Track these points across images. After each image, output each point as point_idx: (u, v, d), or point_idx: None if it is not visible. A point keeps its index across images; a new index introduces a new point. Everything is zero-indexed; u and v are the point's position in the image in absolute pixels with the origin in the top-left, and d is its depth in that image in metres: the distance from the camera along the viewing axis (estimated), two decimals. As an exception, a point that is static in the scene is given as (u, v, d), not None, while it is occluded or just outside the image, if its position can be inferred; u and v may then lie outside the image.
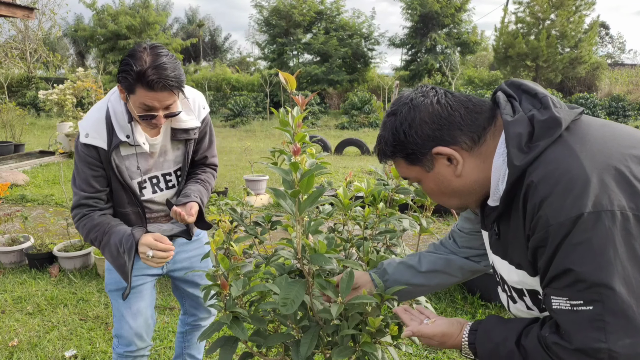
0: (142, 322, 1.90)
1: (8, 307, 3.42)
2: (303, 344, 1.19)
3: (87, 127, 1.65)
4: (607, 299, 0.83)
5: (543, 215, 0.88)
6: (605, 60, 23.32)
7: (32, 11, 9.37)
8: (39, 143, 12.00)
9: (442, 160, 1.03)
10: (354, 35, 22.35)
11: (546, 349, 0.93)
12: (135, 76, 1.47)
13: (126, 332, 1.87)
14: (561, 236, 0.86)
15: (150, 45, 1.53)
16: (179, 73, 1.54)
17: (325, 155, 1.45)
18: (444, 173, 1.04)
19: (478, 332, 1.06)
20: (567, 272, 0.86)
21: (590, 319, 0.85)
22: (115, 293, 1.87)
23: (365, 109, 18.09)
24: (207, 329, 1.30)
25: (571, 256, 0.85)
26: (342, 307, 1.13)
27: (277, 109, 1.29)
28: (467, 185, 1.05)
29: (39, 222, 5.44)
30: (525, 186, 0.92)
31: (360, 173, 8.26)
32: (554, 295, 0.90)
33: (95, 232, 1.68)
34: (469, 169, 1.03)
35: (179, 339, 2.26)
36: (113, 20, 22.39)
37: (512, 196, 0.97)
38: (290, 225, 1.53)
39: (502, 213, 1.01)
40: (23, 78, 21.88)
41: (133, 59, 1.48)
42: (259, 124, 17.64)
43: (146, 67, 1.47)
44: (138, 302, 1.88)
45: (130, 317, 1.87)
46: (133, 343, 1.89)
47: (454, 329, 1.11)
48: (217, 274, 1.23)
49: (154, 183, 1.80)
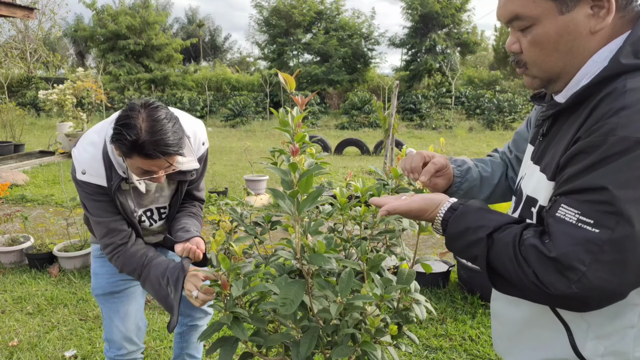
0: (132, 325, 1.88)
1: (8, 307, 3.43)
2: (303, 344, 1.19)
3: (83, 164, 1.55)
4: (621, 231, 0.77)
5: (612, 123, 0.78)
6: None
7: (32, 11, 9.37)
8: (39, 143, 12.00)
9: (586, 6, 0.85)
10: (354, 35, 22.36)
11: (519, 247, 0.86)
12: (130, 146, 1.36)
13: (116, 336, 1.86)
14: (618, 150, 0.77)
15: (146, 105, 1.41)
16: (178, 137, 1.43)
17: (325, 155, 1.45)
18: (578, 22, 0.86)
19: (457, 211, 0.98)
20: (600, 190, 0.78)
21: (588, 240, 0.79)
22: (102, 297, 1.84)
23: (365, 109, 18.09)
24: (207, 329, 1.30)
25: (616, 175, 0.77)
26: (342, 306, 1.13)
27: (277, 109, 1.29)
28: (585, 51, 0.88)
29: (39, 222, 5.44)
30: (612, 88, 0.83)
31: (360, 173, 8.27)
32: (567, 204, 0.82)
33: (133, 265, 1.62)
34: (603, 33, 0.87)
35: (177, 340, 2.26)
36: (113, 20, 22.40)
37: (587, 95, 0.87)
38: (290, 226, 1.53)
39: (563, 110, 0.93)
40: (23, 78, 21.88)
41: (127, 128, 1.35)
42: (259, 124, 17.64)
43: (143, 137, 1.35)
44: (127, 305, 1.86)
45: (119, 321, 1.85)
46: (123, 347, 1.88)
47: (431, 204, 1.02)
48: (217, 274, 1.23)
49: (148, 216, 1.78)
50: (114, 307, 1.85)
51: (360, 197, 1.51)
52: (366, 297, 1.16)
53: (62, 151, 9.68)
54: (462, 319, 3.12)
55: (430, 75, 21.89)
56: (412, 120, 18.52)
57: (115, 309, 1.85)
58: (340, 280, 1.18)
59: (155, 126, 1.36)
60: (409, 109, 19.03)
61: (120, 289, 1.84)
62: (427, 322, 3.15)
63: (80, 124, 9.79)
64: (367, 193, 1.51)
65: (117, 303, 1.85)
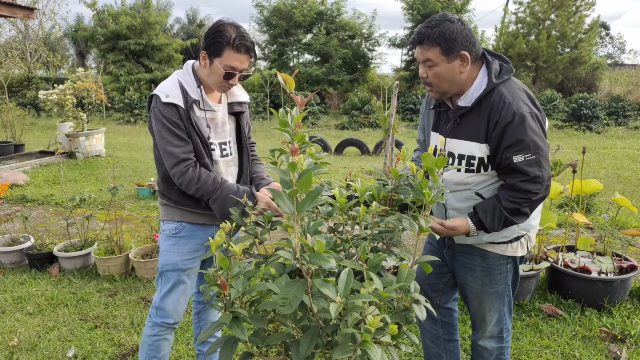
0: (184, 301, 2.14)
1: (8, 307, 3.43)
2: (303, 344, 1.19)
3: (166, 90, 1.93)
4: (539, 152, 1.69)
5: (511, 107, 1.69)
6: (605, 61, 23.32)
7: (33, 11, 9.37)
8: (39, 143, 12.00)
9: (458, 60, 1.73)
10: (354, 35, 22.35)
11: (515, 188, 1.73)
12: (226, 41, 1.86)
13: (169, 307, 2.10)
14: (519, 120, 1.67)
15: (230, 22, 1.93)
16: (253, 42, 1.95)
17: (325, 155, 1.46)
18: (455, 66, 1.74)
19: (479, 214, 1.77)
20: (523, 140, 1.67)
21: (535, 161, 1.69)
22: (169, 273, 2.08)
23: (365, 109, 18.09)
24: (208, 329, 1.30)
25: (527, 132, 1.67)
26: (342, 306, 1.13)
27: (277, 110, 1.30)
28: (460, 81, 1.77)
29: (39, 222, 5.44)
30: (498, 93, 1.73)
31: (360, 173, 8.26)
32: (515, 155, 1.68)
33: (208, 182, 1.92)
34: (467, 73, 1.77)
35: (195, 321, 2.41)
36: (114, 21, 22.37)
37: (481, 100, 1.75)
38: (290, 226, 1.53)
39: (469, 110, 1.78)
40: (23, 78, 21.87)
41: (220, 33, 1.86)
42: (259, 124, 17.64)
43: (234, 35, 1.87)
44: (186, 283, 2.11)
45: (177, 295, 2.10)
46: (170, 316, 2.12)
47: (464, 222, 1.80)
48: (216, 274, 1.23)
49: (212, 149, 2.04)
50: (176, 283, 2.08)
51: (359, 197, 1.51)
52: (366, 297, 1.16)
53: (62, 151, 9.68)
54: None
55: (430, 75, 21.87)
56: (412, 120, 18.52)
57: (177, 284, 2.09)
58: (340, 280, 1.18)
59: (241, 29, 1.91)
60: (409, 109, 19.03)
61: (187, 267, 2.08)
62: (427, 322, 3.14)
63: (81, 124, 9.78)
64: (366, 193, 1.51)
65: (180, 280, 2.08)
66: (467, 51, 1.72)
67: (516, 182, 1.72)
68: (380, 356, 1.15)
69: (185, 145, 1.93)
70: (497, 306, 2.02)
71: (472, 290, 2.03)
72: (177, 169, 1.92)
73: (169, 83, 1.97)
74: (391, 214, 1.56)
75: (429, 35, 1.70)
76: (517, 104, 1.69)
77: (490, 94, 1.74)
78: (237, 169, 2.18)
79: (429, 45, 1.71)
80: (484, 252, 1.94)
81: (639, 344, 2.88)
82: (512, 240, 1.91)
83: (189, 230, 2.09)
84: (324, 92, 21.64)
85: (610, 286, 3.21)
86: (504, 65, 1.80)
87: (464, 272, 2.03)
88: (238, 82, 1.98)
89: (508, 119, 1.67)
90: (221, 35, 1.87)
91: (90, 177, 8.07)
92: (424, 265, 1.51)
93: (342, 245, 1.57)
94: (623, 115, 16.58)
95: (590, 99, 16.23)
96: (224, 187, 1.95)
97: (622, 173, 8.68)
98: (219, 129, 2.09)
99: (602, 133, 15.12)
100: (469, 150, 1.80)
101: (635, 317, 3.15)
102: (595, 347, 2.85)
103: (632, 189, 7.34)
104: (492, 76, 1.73)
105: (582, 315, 3.20)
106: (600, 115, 15.93)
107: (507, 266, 1.96)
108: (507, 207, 1.73)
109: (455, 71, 1.74)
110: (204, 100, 2.00)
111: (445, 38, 1.68)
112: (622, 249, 3.99)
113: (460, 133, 1.83)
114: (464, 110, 1.79)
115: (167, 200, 2.09)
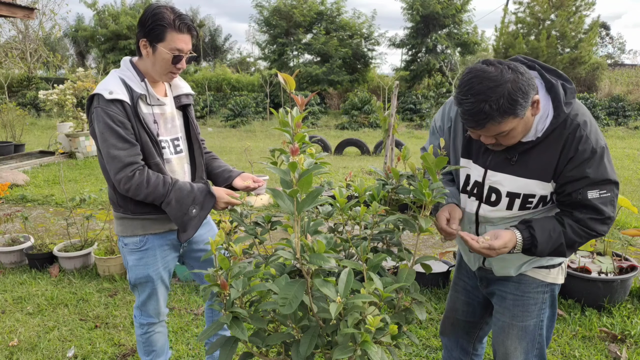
0: (163, 302, 2.17)
1: (8, 307, 3.43)
2: (303, 344, 1.19)
3: (108, 87, 1.79)
4: (614, 190, 1.50)
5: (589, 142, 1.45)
6: (605, 61, 23.30)
7: (32, 11, 9.37)
8: (39, 143, 12.00)
9: (529, 110, 1.41)
10: (354, 35, 22.34)
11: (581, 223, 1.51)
12: (167, 23, 1.77)
13: (151, 310, 2.14)
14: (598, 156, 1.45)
15: (164, 4, 1.85)
16: (192, 19, 1.89)
17: (325, 155, 1.46)
18: (529, 116, 1.43)
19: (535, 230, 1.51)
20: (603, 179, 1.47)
21: (610, 200, 1.49)
22: (142, 285, 2.07)
23: (365, 109, 18.09)
24: (208, 329, 1.30)
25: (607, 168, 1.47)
26: (342, 306, 1.13)
27: (278, 110, 1.30)
28: (532, 123, 1.47)
29: (39, 222, 5.44)
30: (572, 124, 1.45)
31: (360, 173, 8.26)
32: (590, 190, 1.47)
33: (159, 185, 1.81)
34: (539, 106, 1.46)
35: (208, 314, 2.41)
36: (114, 21, 22.39)
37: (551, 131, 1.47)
38: (290, 226, 1.53)
39: (536, 144, 1.49)
40: (23, 78, 21.87)
41: (159, 14, 1.78)
42: (259, 124, 17.63)
43: (173, 16, 1.79)
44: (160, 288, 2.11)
45: (155, 301, 2.12)
46: (155, 316, 2.16)
47: (511, 237, 1.52)
48: (216, 274, 1.23)
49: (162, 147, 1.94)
50: (152, 292, 2.08)
51: (359, 197, 1.51)
52: (366, 297, 1.16)
53: (62, 151, 9.68)
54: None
55: (430, 75, 21.88)
56: (412, 120, 18.51)
57: (153, 293, 2.09)
58: (340, 280, 1.18)
59: (177, 9, 1.82)
60: (409, 109, 19.02)
61: (160, 276, 2.07)
62: (427, 322, 3.15)
63: (81, 124, 9.79)
64: (366, 193, 1.51)
65: (155, 288, 2.08)
66: (536, 93, 1.40)
67: (585, 218, 1.50)
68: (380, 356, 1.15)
69: (130, 148, 1.77)
70: (525, 346, 1.72)
71: (497, 322, 1.77)
72: (122, 174, 1.76)
73: (109, 80, 1.83)
74: (391, 214, 1.56)
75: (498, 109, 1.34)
76: (595, 137, 1.45)
77: (561, 126, 1.45)
78: (189, 166, 2.06)
79: (502, 119, 1.36)
80: (520, 277, 1.70)
81: (639, 344, 2.88)
82: (555, 265, 1.68)
83: (154, 240, 1.98)
84: (324, 92, 21.62)
85: (610, 286, 3.21)
86: (567, 85, 1.48)
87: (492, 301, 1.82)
88: (185, 65, 1.88)
89: (586, 155, 1.44)
90: (160, 18, 1.77)
91: (90, 177, 8.06)
92: (424, 265, 1.51)
93: (342, 245, 1.57)
94: (623, 115, 16.58)
95: (590, 99, 16.22)
96: (176, 188, 1.83)
97: (622, 173, 8.68)
98: (169, 125, 1.97)
99: (602, 133, 15.11)
100: (528, 189, 1.53)
101: (635, 317, 3.15)
102: (596, 347, 2.85)
103: (632, 189, 7.34)
104: (562, 104, 1.44)
105: (582, 315, 3.20)
106: (600, 115, 15.93)
107: (544, 295, 1.70)
108: (569, 237, 1.52)
109: (529, 121, 1.45)
110: (151, 94, 1.88)
111: (515, 100, 1.34)
112: (622, 249, 3.99)
113: (516, 169, 1.53)
114: (528, 146, 1.50)
115: (122, 212, 1.93)
